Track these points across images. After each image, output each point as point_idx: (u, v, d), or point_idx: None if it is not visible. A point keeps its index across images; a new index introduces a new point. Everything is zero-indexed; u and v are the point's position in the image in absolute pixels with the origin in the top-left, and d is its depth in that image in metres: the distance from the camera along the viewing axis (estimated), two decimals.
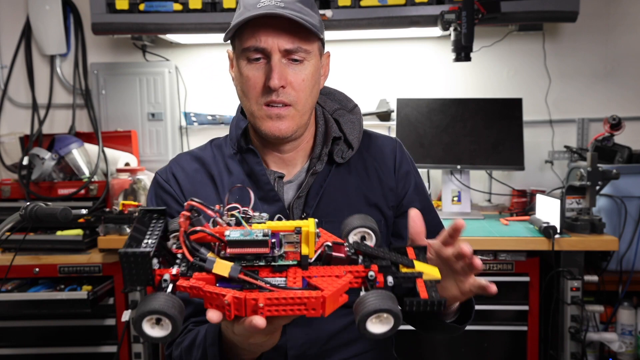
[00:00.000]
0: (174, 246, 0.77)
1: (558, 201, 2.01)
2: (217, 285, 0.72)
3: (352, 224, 0.81)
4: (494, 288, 0.87)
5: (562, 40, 2.59)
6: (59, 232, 2.19)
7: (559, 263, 2.00)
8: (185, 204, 0.75)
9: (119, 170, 2.36)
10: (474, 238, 1.99)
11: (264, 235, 0.72)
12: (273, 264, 0.73)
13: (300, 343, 1.08)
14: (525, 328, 2.09)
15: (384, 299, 0.68)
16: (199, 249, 0.73)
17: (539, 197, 2.18)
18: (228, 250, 0.72)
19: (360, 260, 0.76)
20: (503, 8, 2.15)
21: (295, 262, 0.74)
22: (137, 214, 0.82)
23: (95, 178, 2.35)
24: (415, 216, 0.89)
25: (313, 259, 0.75)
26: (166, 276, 0.72)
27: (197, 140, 2.72)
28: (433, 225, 1.20)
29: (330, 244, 0.77)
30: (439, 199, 2.50)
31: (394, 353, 1.24)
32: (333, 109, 1.20)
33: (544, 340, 2.19)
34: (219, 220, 0.77)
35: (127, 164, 2.48)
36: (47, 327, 2.18)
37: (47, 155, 2.30)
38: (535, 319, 2.09)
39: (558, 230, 1.96)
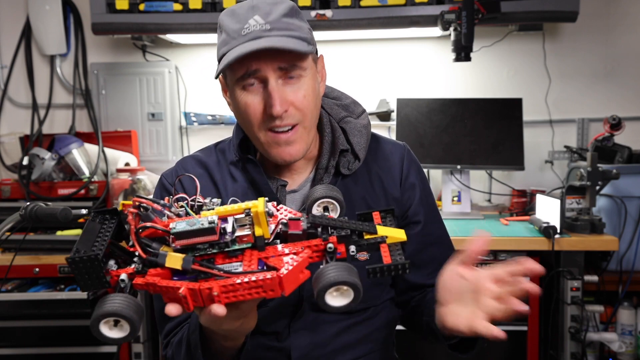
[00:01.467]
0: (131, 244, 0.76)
1: (558, 201, 2.01)
2: (174, 278, 0.71)
3: (314, 195, 0.79)
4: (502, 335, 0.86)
5: (562, 40, 2.59)
6: (59, 232, 2.19)
7: (559, 263, 2.00)
8: (132, 200, 0.74)
9: (119, 170, 2.36)
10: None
11: (209, 223, 0.70)
12: (227, 249, 0.72)
13: (303, 345, 1.07)
14: (525, 328, 2.09)
15: (342, 271, 0.67)
16: (150, 244, 0.72)
17: (539, 197, 2.18)
18: (176, 242, 0.71)
19: (319, 233, 0.75)
20: (503, 8, 2.15)
21: (249, 245, 0.73)
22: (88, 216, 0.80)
23: (95, 178, 2.34)
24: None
25: (271, 239, 0.74)
26: (123, 276, 0.71)
27: (197, 140, 2.72)
28: (437, 237, 1.19)
29: (285, 221, 0.75)
30: (439, 199, 2.50)
31: (395, 354, 1.24)
32: (340, 116, 1.17)
33: (544, 340, 2.18)
34: (168, 212, 0.75)
35: (127, 164, 2.48)
36: (47, 327, 2.17)
37: (47, 155, 2.30)
38: (535, 319, 2.09)
39: (558, 230, 1.96)
